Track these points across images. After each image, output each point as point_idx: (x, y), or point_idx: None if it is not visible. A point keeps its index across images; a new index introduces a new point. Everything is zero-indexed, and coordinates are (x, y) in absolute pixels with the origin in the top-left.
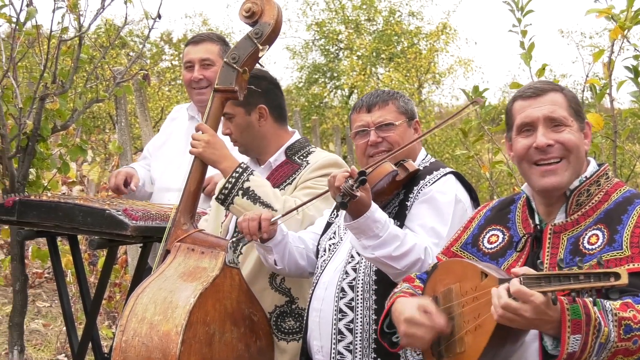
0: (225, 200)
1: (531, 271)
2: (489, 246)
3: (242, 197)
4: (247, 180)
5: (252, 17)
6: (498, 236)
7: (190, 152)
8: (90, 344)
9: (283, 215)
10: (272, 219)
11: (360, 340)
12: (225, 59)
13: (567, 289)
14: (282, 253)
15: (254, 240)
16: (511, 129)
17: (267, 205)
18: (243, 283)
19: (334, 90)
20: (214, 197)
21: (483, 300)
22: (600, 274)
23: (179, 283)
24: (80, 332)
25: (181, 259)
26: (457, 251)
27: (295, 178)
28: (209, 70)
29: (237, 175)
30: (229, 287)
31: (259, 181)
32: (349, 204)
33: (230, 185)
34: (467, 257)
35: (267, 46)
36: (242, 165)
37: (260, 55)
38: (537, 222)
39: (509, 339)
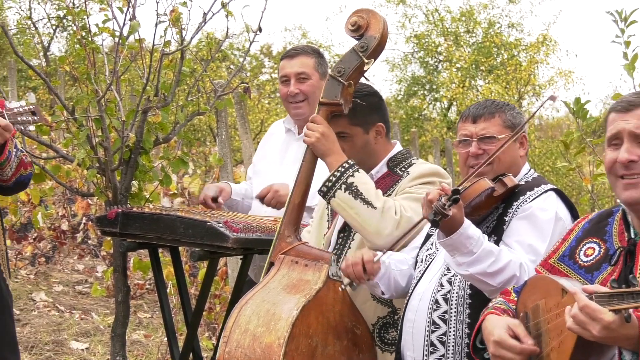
0: (327, 193)
1: (602, 289)
2: (585, 259)
3: (345, 192)
4: (352, 176)
5: (357, 30)
6: (594, 249)
7: (304, 141)
8: (191, 355)
9: (384, 252)
10: (375, 259)
11: (452, 353)
12: (330, 72)
13: None
14: (387, 283)
15: (362, 283)
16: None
17: (368, 203)
18: (346, 296)
19: (433, 103)
20: (315, 209)
21: (564, 317)
22: None
23: (282, 295)
24: (181, 343)
25: (285, 271)
26: (554, 263)
27: (394, 189)
28: (305, 83)
29: (342, 170)
30: (332, 300)
31: (363, 179)
32: (441, 222)
33: (334, 179)
34: (564, 270)
35: (373, 60)
36: (349, 161)
37: (365, 68)
38: (632, 235)
39: (592, 356)
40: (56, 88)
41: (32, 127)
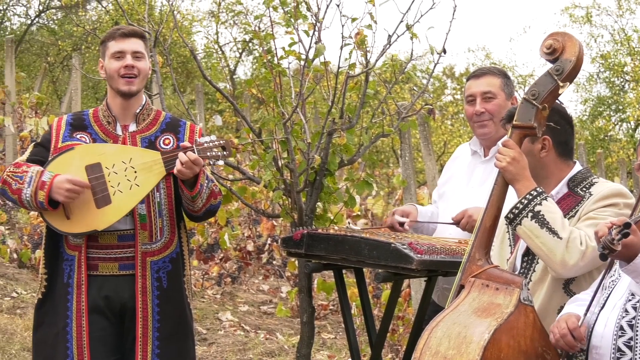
0: (513, 220)
1: None
2: None
3: (531, 220)
4: (540, 204)
5: (553, 53)
6: None
7: (495, 165)
8: None
9: (585, 315)
10: (580, 323)
11: None
12: (524, 95)
13: None
14: (588, 335)
15: (575, 350)
16: None
17: (554, 232)
18: (537, 321)
19: (620, 123)
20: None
21: None
22: None
23: (473, 318)
24: None
25: (475, 294)
26: None
27: (578, 210)
28: (491, 103)
29: (530, 197)
30: (523, 324)
31: (551, 207)
32: (609, 256)
33: (521, 206)
34: None
35: (568, 83)
36: (537, 189)
37: (560, 92)
38: None
39: None
40: (243, 111)
41: (221, 162)
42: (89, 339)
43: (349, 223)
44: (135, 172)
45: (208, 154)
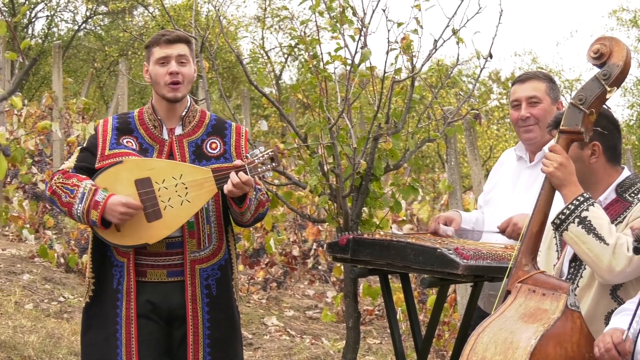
0: (560, 225)
1: None
2: None
3: (577, 226)
4: (587, 209)
5: (600, 58)
6: None
7: (542, 170)
8: None
9: (629, 328)
10: (624, 337)
11: None
12: (571, 100)
13: None
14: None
15: None
16: None
17: (600, 238)
18: (584, 327)
19: None
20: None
21: None
22: None
23: (519, 324)
24: None
25: (522, 300)
26: None
27: (626, 216)
28: (536, 107)
29: (577, 203)
30: (570, 330)
31: (598, 213)
32: None
33: (568, 212)
34: None
35: (615, 88)
36: (584, 194)
37: (607, 97)
38: None
39: None
40: (288, 116)
41: (269, 174)
42: (137, 343)
43: (380, 228)
44: (186, 188)
45: (259, 170)
